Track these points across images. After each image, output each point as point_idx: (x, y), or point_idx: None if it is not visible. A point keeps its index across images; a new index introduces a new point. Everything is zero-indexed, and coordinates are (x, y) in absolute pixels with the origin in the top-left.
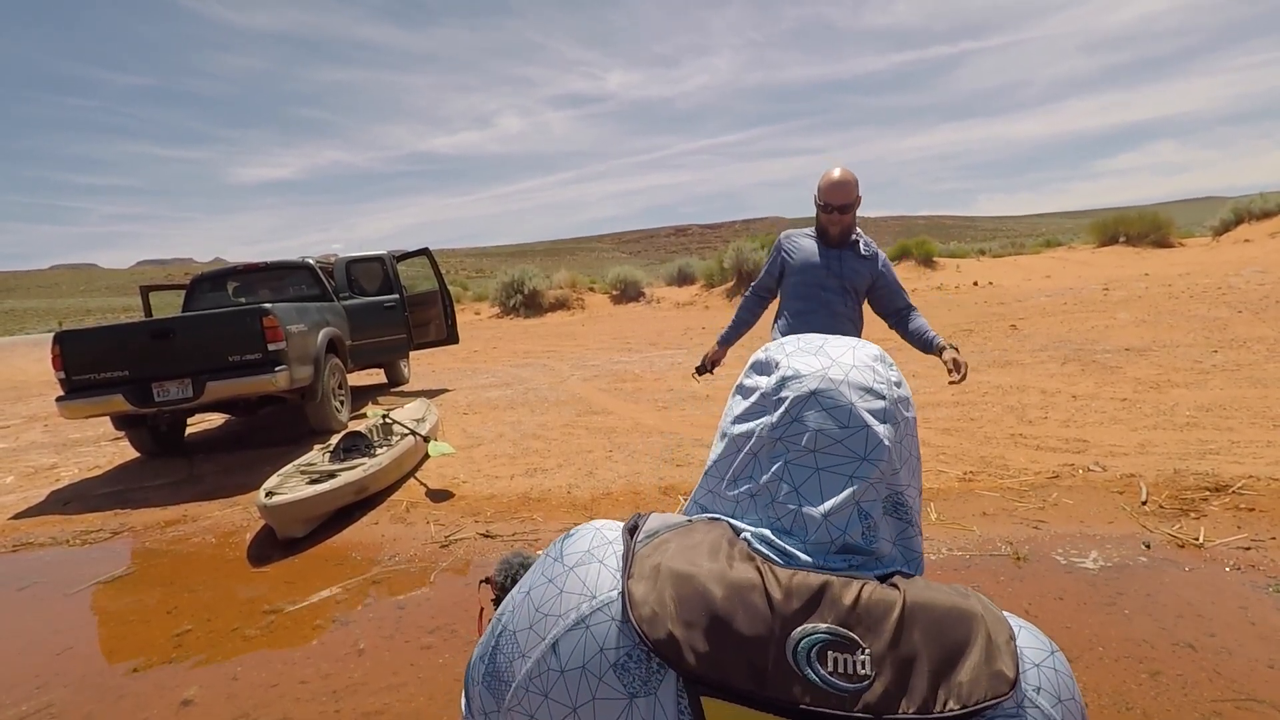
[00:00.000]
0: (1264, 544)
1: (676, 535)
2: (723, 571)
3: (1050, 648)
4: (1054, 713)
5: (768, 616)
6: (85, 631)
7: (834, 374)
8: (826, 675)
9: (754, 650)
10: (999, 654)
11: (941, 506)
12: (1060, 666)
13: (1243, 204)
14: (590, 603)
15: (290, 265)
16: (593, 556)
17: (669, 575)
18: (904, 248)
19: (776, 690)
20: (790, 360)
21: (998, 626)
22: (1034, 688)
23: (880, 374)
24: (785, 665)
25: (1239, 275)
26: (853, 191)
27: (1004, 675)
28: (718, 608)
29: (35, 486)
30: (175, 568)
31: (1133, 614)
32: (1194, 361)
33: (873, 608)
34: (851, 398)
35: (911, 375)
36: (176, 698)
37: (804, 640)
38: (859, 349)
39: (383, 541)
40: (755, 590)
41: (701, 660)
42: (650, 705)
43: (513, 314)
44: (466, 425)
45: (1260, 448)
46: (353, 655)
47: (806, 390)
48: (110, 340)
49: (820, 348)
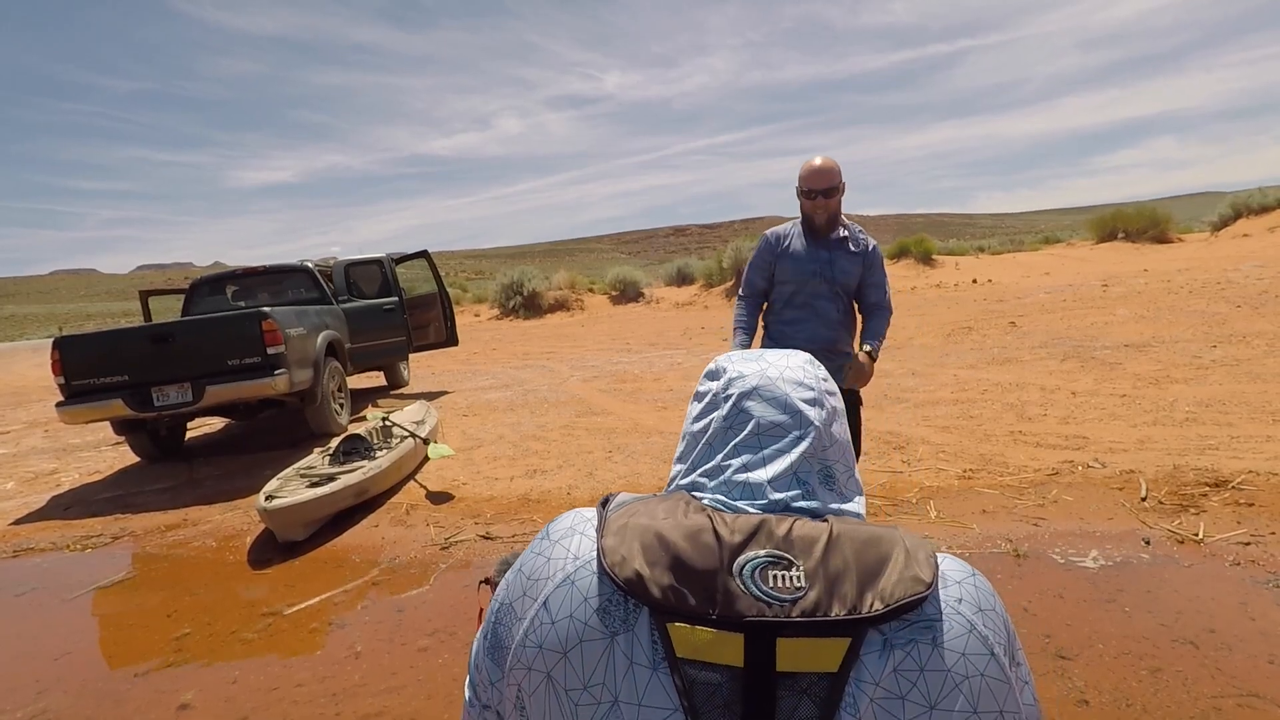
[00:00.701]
0: (1264, 539)
1: (642, 503)
2: (678, 521)
3: (971, 571)
4: (975, 619)
5: (716, 550)
6: (84, 636)
7: (771, 373)
8: (768, 590)
9: (707, 579)
10: (916, 564)
11: (941, 504)
12: (980, 585)
13: (1241, 199)
14: (574, 563)
15: (289, 269)
16: (574, 530)
17: (634, 529)
18: (903, 246)
19: (727, 608)
20: (735, 366)
21: (917, 546)
22: (955, 599)
23: (809, 372)
24: (733, 586)
25: (1238, 270)
26: (835, 176)
27: (920, 578)
28: (675, 548)
29: (36, 492)
30: (175, 572)
31: (1133, 611)
32: (1193, 357)
33: (804, 535)
34: (786, 389)
35: (910, 374)
36: (175, 701)
37: (748, 564)
38: (792, 356)
39: (382, 544)
40: (705, 531)
41: (664, 591)
42: (628, 640)
43: (512, 315)
44: (466, 427)
45: (1260, 442)
46: (352, 658)
47: (749, 386)
48: (109, 345)
49: (760, 355)
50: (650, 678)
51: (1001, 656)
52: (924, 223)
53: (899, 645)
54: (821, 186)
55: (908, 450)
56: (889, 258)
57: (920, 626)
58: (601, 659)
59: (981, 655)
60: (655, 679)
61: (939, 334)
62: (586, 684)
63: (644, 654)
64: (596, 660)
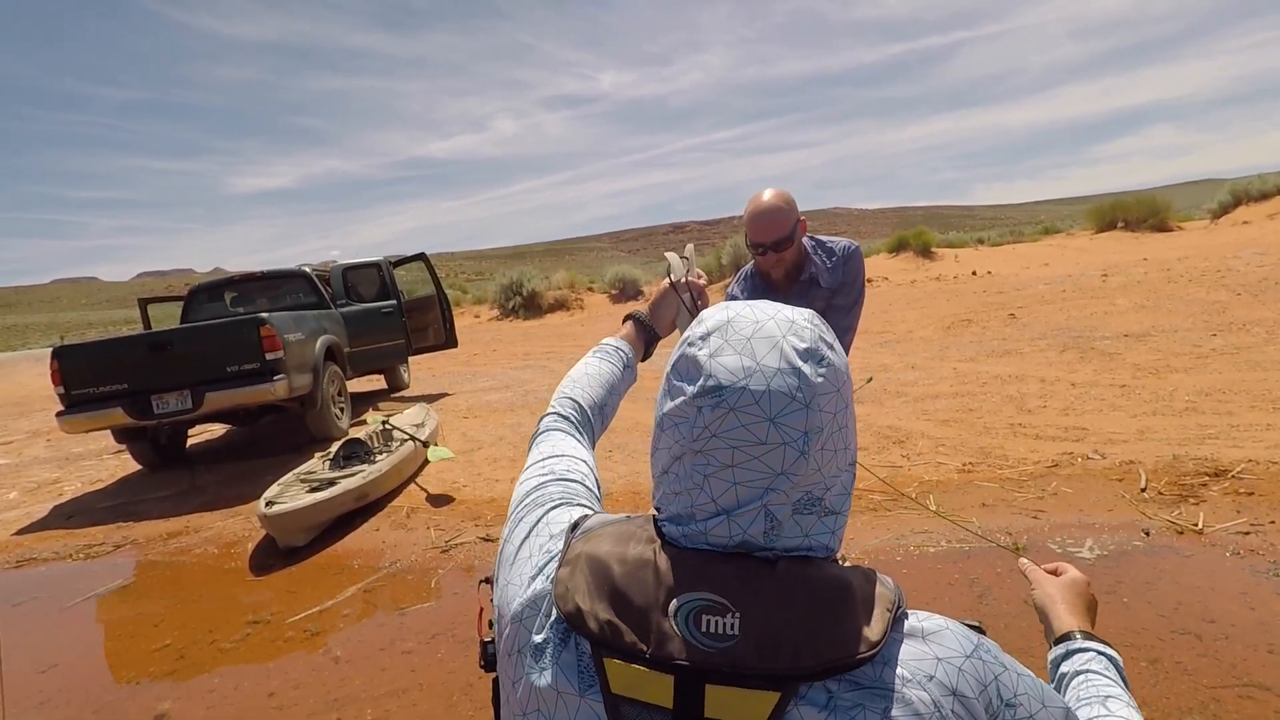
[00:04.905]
0: (1264, 528)
1: (605, 529)
2: (623, 553)
3: (968, 652)
4: (942, 701)
5: (654, 586)
6: (75, 648)
7: (755, 385)
8: (699, 635)
9: (642, 616)
10: (865, 620)
11: (941, 498)
12: (971, 671)
13: (1241, 186)
14: (544, 558)
15: (287, 274)
16: (553, 536)
17: (584, 558)
18: (902, 239)
19: (659, 649)
20: (712, 364)
21: (875, 601)
22: (926, 676)
23: (807, 374)
24: (666, 627)
25: (1238, 258)
26: (784, 223)
27: (867, 638)
28: (617, 582)
29: (38, 501)
30: (176, 579)
31: (1132, 602)
32: (1193, 346)
33: (749, 575)
34: (772, 412)
35: (910, 368)
36: (177, 710)
37: (683, 606)
38: (786, 340)
39: (383, 548)
40: (646, 567)
41: (601, 626)
42: (563, 659)
43: (512, 316)
44: (466, 429)
45: (1260, 431)
46: (353, 663)
47: (725, 408)
48: (108, 354)
49: (747, 340)
50: (580, 704)
51: None
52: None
53: (843, 708)
54: (768, 240)
55: (907, 444)
56: (888, 252)
57: (872, 692)
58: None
59: None
60: (584, 705)
61: (938, 327)
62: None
63: (571, 683)
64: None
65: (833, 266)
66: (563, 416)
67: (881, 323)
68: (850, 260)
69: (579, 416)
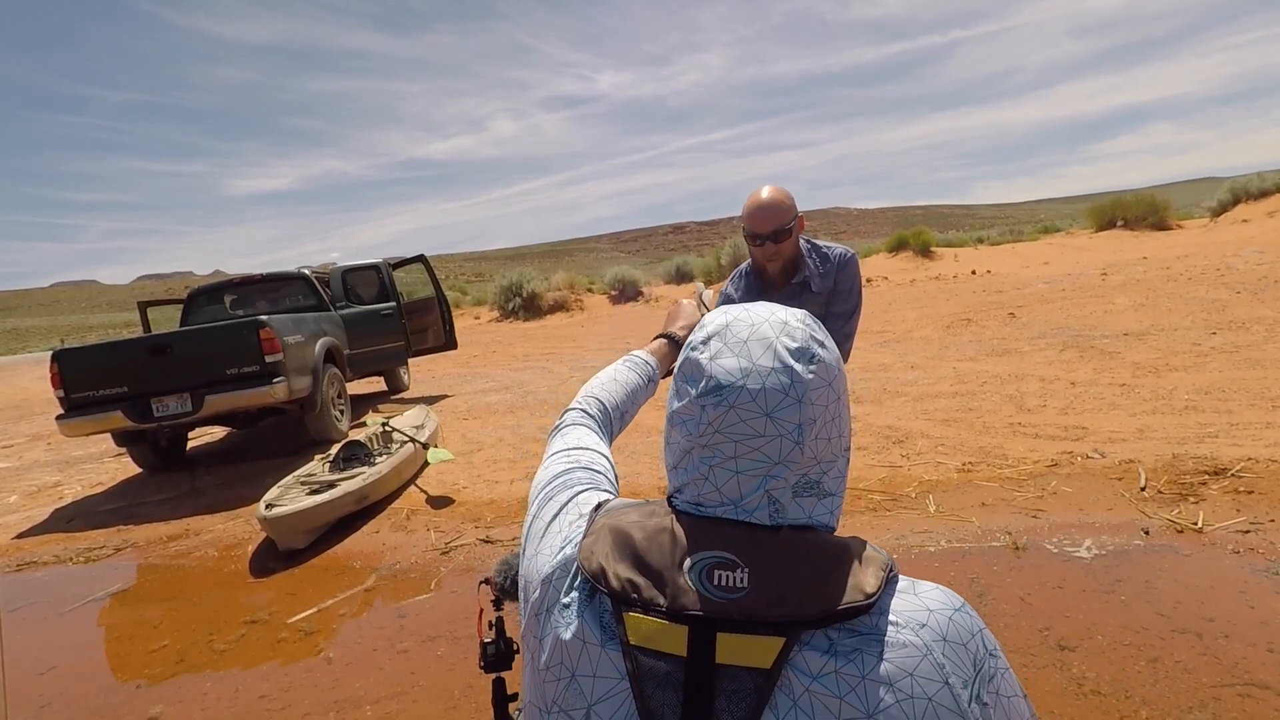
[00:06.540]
0: (1263, 527)
1: (625, 509)
2: (643, 522)
3: (955, 607)
4: (933, 645)
5: (671, 548)
6: (72, 651)
7: (752, 384)
8: (712, 588)
9: (660, 574)
10: (862, 575)
11: (940, 498)
12: (959, 621)
13: (1240, 184)
14: (573, 531)
15: (286, 276)
16: (581, 515)
17: (608, 529)
18: (901, 238)
19: (675, 601)
20: (713, 366)
21: (871, 560)
22: (919, 623)
23: (799, 372)
24: (681, 582)
25: (1237, 256)
26: (784, 214)
27: (862, 589)
28: (637, 546)
29: (39, 505)
30: (177, 582)
31: (1131, 601)
32: (1192, 344)
33: (756, 539)
34: (768, 407)
35: (909, 367)
36: (171, 714)
37: (697, 563)
38: (780, 341)
39: (383, 550)
40: (665, 532)
41: (622, 584)
42: (586, 616)
43: (512, 317)
44: (466, 430)
45: (1259, 429)
46: (353, 665)
47: (726, 406)
48: (108, 357)
49: (744, 343)
50: (600, 655)
51: (959, 689)
52: (923, 214)
53: (843, 652)
54: (767, 230)
55: (907, 444)
56: (887, 251)
57: (869, 638)
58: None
59: (932, 681)
60: (604, 657)
61: (938, 326)
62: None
63: (594, 633)
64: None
65: (825, 272)
66: (587, 413)
67: (881, 322)
68: (845, 268)
69: (602, 416)
